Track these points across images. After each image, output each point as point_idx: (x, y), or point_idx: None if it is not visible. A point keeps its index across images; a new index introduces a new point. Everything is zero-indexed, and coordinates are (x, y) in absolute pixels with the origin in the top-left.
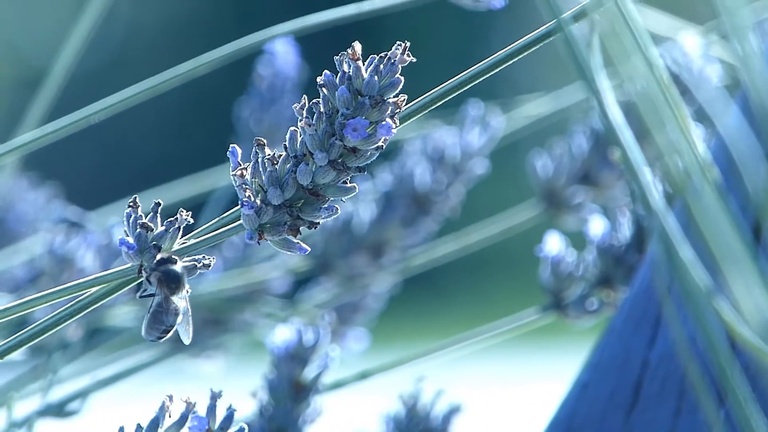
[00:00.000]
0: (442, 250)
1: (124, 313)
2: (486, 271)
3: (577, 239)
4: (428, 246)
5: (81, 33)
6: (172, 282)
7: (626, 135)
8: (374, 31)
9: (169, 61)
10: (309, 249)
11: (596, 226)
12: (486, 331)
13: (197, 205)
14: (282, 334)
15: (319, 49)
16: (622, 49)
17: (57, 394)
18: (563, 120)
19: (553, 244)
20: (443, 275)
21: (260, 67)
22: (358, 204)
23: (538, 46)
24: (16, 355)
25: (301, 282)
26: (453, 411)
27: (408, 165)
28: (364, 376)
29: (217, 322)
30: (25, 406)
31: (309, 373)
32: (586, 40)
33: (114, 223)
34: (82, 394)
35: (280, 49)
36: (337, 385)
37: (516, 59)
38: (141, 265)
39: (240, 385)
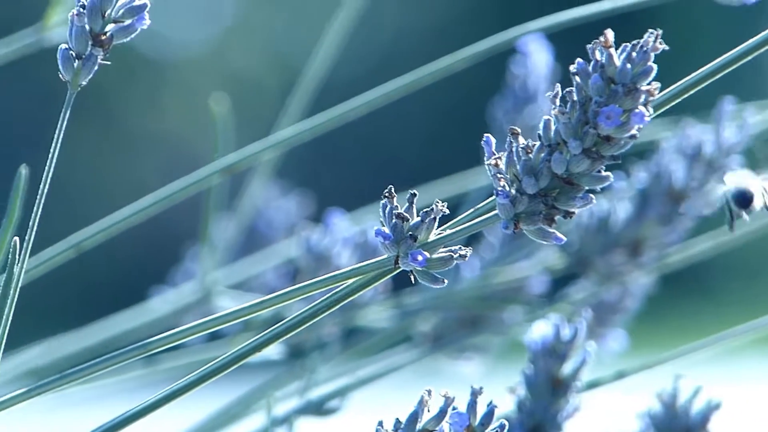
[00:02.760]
0: (700, 248)
1: (378, 312)
2: (748, 269)
3: None
4: (685, 244)
5: (334, 35)
6: None
7: None
8: (627, 29)
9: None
10: (564, 238)
11: None
12: (745, 329)
13: (453, 207)
14: (540, 330)
15: (572, 47)
16: None
17: (315, 393)
18: None
19: None
20: (703, 273)
21: (514, 67)
22: (614, 201)
23: None
24: (275, 354)
25: (558, 281)
26: (711, 408)
27: (663, 162)
28: (621, 375)
29: (475, 322)
30: (284, 404)
31: (567, 368)
32: None
33: (370, 222)
34: (341, 393)
35: (532, 48)
36: (594, 383)
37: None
38: (397, 256)
39: (498, 385)
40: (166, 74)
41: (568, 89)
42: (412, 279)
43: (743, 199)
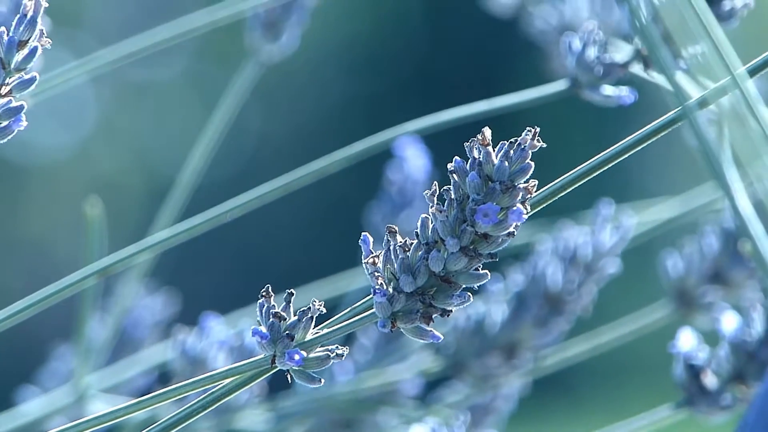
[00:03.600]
0: (574, 351)
1: (254, 416)
2: (617, 371)
3: (709, 338)
4: (560, 346)
5: (207, 140)
6: None
7: (757, 229)
8: (505, 130)
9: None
10: (442, 337)
11: (729, 322)
12: (618, 428)
13: (329, 308)
14: None
15: (450, 151)
16: (751, 148)
17: None
18: (693, 221)
19: (686, 340)
20: (574, 375)
21: (390, 172)
22: (490, 304)
23: (665, 133)
24: None
25: (433, 384)
26: None
27: (540, 265)
28: None
29: (349, 425)
30: None
31: None
32: (716, 139)
33: (246, 325)
34: None
35: (410, 153)
36: None
37: (645, 145)
38: (274, 355)
39: None
40: (28, 180)
41: (445, 187)
42: (289, 378)
43: None
